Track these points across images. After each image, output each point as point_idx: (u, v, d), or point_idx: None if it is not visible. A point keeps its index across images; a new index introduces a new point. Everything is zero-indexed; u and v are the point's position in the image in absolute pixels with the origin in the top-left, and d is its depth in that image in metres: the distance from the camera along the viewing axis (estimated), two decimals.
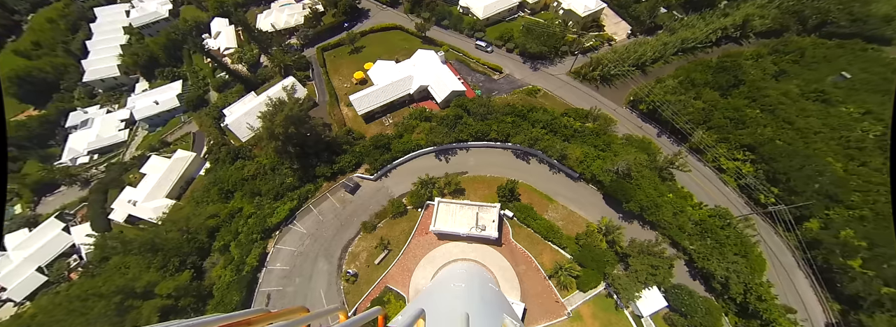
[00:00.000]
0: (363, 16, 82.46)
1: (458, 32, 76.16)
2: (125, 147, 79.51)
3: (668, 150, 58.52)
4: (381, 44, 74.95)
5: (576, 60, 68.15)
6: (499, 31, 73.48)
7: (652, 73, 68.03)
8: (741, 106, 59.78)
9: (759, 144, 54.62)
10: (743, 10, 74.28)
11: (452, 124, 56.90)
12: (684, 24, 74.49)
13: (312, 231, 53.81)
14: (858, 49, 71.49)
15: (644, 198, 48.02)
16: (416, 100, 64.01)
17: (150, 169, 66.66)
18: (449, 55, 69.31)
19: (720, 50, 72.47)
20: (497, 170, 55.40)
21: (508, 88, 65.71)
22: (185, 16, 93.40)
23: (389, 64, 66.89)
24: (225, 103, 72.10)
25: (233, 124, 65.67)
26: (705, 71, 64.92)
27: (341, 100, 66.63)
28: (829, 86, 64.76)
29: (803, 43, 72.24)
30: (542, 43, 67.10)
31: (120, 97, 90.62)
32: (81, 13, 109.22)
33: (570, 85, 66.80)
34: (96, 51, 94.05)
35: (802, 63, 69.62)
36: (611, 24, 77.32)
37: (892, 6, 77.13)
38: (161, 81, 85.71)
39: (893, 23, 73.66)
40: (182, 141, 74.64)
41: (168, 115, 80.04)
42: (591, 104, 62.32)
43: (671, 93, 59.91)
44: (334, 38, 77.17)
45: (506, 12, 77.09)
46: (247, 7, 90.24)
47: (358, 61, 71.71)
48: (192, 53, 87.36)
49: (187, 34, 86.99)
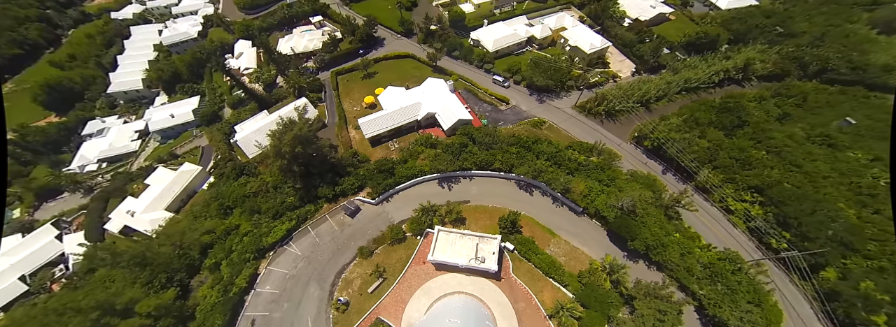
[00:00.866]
0: (378, 44, 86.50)
1: (467, 63, 79.19)
2: (135, 157, 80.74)
3: (673, 188, 57.76)
4: (394, 71, 77.81)
5: (581, 95, 69.73)
6: (507, 64, 76.24)
7: (656, 111, 69.14)
8: (746, 146, 59.94)
9: (768, 186, 53.82)
10: (744, 54, 76.81)
11: (457, 152, 57.22)
12: (687, 64, 76.84)
13: (307, 253, 52.40)
14: (861, 96, 72.73)
15: (650, 236, 46.58)
16: (423, 126, 65.05)
17: (154, 180, 67.06)
18: (458, 84, 71.51)
19: (723, 91, 74.03)
20: (499, 201, 54.69)
21: (514, 119, 66.77)
22: (213, 37, 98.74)
23: (400, 90, 68.90)
24: (238, 120, 73.96)
25: (242, 141, 66.80)
26: (709, 110, 65.85)
27: (350, 123, 67.92)
28: (834, 130, 65.11)
29: (805, 87, 73.78)
30: (548, 77, 69.17)
31: (139, 109, 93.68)
32: (118, 31, 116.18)
33: (576, 118, 67.79)
34: (125, 65, 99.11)
35: (806, 107, 70.68)
36: (616, 62, 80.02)
37: (891, 56, 79.42)
38: (180, 96, 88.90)
39: (894, 72, 75.29)
40: (190, 154, 75.72)
41: (181, 129, 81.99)
42: (595, 138, 62.78)
43: (676, 131, 60.42)
44: (349, 64, 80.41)
45: (514, 46, 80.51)
46: (270, 31, 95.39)
47: (370, 86, 74.09)
48: (213, 71, 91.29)
49: (212, 53, 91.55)
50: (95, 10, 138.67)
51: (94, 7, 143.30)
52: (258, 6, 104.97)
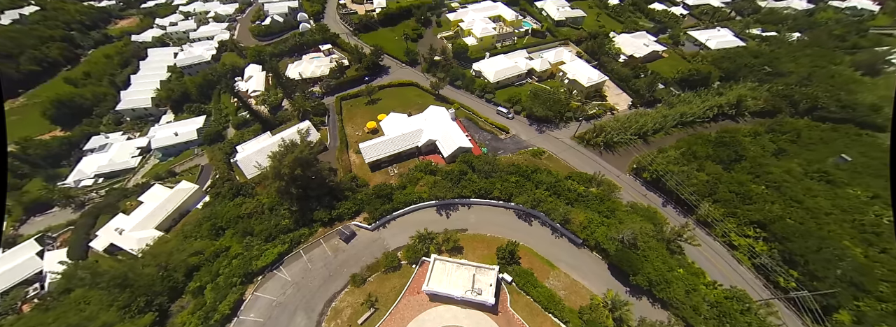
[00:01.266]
0: (383, 72, 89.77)
1: (469, 93, 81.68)
2: (132, 173, 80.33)
3: (674, 221, 56.99)
4: (397, 98, 79.99)
5: (580, 126, 71.15)
6: (507, 94, 78.63)
7: (654, 143, 70.22)
8: (745, 181, 60.20)
9: (770, 221, 53.24)
10: (736, 91, 79.67)
11: (457, 179, 57.13)
12: (681, 99, 79.44)
13: (297, 279, 50.26)
14: (853, 134, 74.54)
15: (652, 271, 45.09)
16: (424, 153, 65.56)
17: (149, 197, 66.10)
18: (459, 113, 73.24)
19: (718, 125, 75.86)
20: (498, 230, 53.64)
21: (514, 148, 67.51)
22: (225, 61, 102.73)
23: (402, 117, 70.31)
24: (240, 140, 74.55)
25: (242, 161, 66.88)
26: (706, 144, 67.00)
27: (351, 147, 68.50)
28: (830, 167, 65.82)
29: (797, 124, 75.76)
30: (547, 108, 71.09)
31: (144, 126, 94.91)
32: (136, 52, 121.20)
33: (574, 149, 68.58)
34: (137, 84, 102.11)
35: (800, 143, 72.01)
36: (613, 95, 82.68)
37: (877, 96, 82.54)
38: (187, 115, 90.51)
39: (882, 111, 77.62)
40: (189, 172, 75.41)
41: (183, 147, 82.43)
42: (594, 169, 63.10)
43: (674, 164, 60.87)
44: (354, 90, 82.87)
45: (514, 78, 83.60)
46: (281, 57, 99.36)
47: (373, 112, 75.73)
48: (221, 93, 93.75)
49: (222, 76, 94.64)
50: (118, 33, 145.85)
51: (117, 30, 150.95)
52: (271, 34, 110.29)
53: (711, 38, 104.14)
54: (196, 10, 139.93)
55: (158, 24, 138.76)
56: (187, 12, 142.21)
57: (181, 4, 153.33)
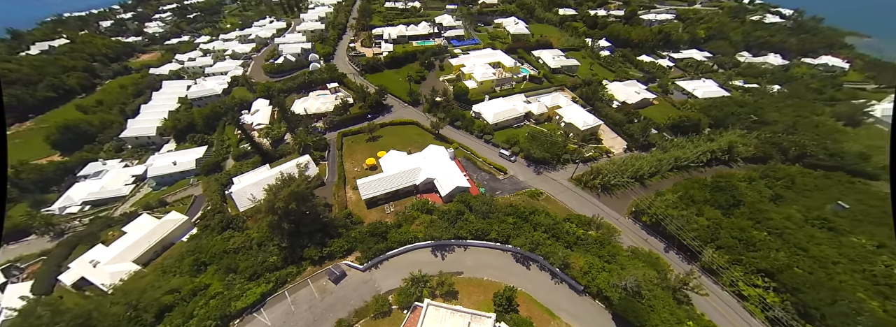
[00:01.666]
0: (386, 110, 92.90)
1: (468, 133, 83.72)
2: (122, 202, 78.45)
3: (678, 268, 54.97)
4: (397, 136, 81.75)
5: (577, 168, 71.94)
6: (506, 136, 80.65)
7: (651, 187, 70.50)
8: (746, 226, 59.49)
9: (778, 270, 51.50)
10: (726, 138, 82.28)
11: (453, 219, 56.03)
12: (675, 144, 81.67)
13: (278, 324, 46.47)
14: (845, 181, 75.63)
15: (660, 323, 42.24)
16: (421, 191, 65.19)
17: (134, 227, 63.73)
18: (458, 152, 74.37)
19: (712, 170, 76.98)
20: (495, 274, 51.24)
21: (512, 189, 67.40)
22: (235, 94, 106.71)
23: (401, 154, 71.16)
24: (238, 172, 74.33)
25: (237, 193, 65.93)
26: (703, 188, 67.31)
27: (348, 183, 68.19)
28: (830, 214, 65.66)
29: (790, 170, 77.12)
30: (545, 149, 72.54)
31: (144, 154, 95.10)
32: (151, 83, 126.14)
33: (572, 191, 68.54)
34: (146, 113, 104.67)
35: (795, 189, 72.60)
36: (608, 139, 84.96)
37: (862, 145, 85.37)
38: (189, 145, 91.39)
39: (871, 160, 79.50)
40: (181, 202, 73.83)
41: (180, 176, 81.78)
42: (593, 211, 62.41)
43: (672, 208, 60.59)
44: (356, 126, 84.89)
45: (513, 120, 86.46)
46: (288, 93, 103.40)
47: (373, 149, 76.80)
48: (226, 124, 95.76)
49: (230, 108, 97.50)
50: (137, 66, 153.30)
51: (138, 63, 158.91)
52: (283, 72, 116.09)
53: (698, 87, 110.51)
54: (215, 48, 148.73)
55: (178, 59, 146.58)
56: (207, 50, 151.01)
57: (202, 43, 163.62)
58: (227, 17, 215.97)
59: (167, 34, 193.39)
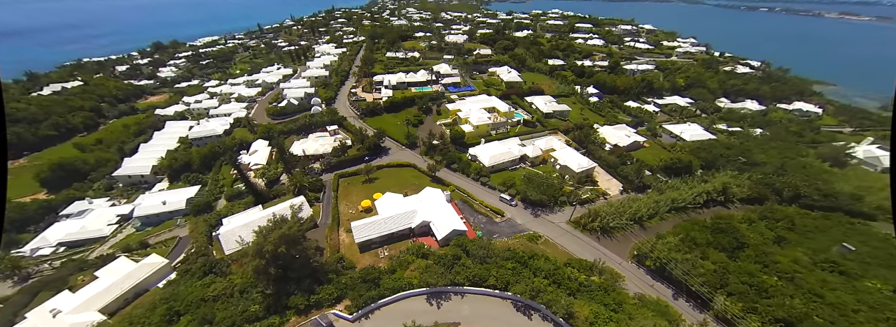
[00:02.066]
0: (383, 152, 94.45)
1: (465, 176, 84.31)
2: (101, 243, 74.79)
3: (689, 317, 51.68)
4: (394, 178, 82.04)
5: (575, 210, 71.37)
6: (502, 178, 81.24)
7: (651, 229, 69.42)
8: (755, 270, 57.72)
9: (797, 320, 48.72)
10: (719, 179, 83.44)
11: (450, 264, 53.78)
12: (670, 185, 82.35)
13: None
14: (845, 222, 75.25)
15: None
16: (417, 234, 63.47)
17: (107, 272, 59.86)
18: (454, 195, 74.15)
19: (711, 211, 76.65)
20: (494, 325, 47.58)
21: (509, 232, 65.98)
22: (236, 135, 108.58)
23: (397, 197, 70.72)
24: (229, 212, 72.64)
25: (224, 235, 63.64)
26: (703, 230, 66.49)
27: (342, 226, 66.50)
28: (837, 257, 64.31)
29: (788, 211, 76.99)
30: (541, 192, 72.63)
31: (134, 194, 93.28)
32: (154, 123, 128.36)
33: (571, 234, 67.14)
34: (144, 152, 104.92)
35: (797, 231, 71.83)
36: (603, 181, 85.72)
37: (853, 186, 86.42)
38: (182, 184, 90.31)
39: (864, 200, 79.94)
40: (163, 245, 70.60)
41: (167, 216, 79.37)
42: (594, 255, 60.53)
43: (675, 251, 59.05)
44: (353, 168, 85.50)
45: (508, 163, 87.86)
46: (288, 135, 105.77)
47: (369, 190, 76.47)
48: (223, 164, 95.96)
49: (228, 149, 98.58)
50: (144, 107, 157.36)
51: (145, 104, 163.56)
52: (285, 114, 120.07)
53: (685, 131, 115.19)
54: (222, 92, 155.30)
55: (185, 101, 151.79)
56: (214, 93, 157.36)
57: (211, 86, 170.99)
58: (238, 63, 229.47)
59: (178, 78, 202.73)
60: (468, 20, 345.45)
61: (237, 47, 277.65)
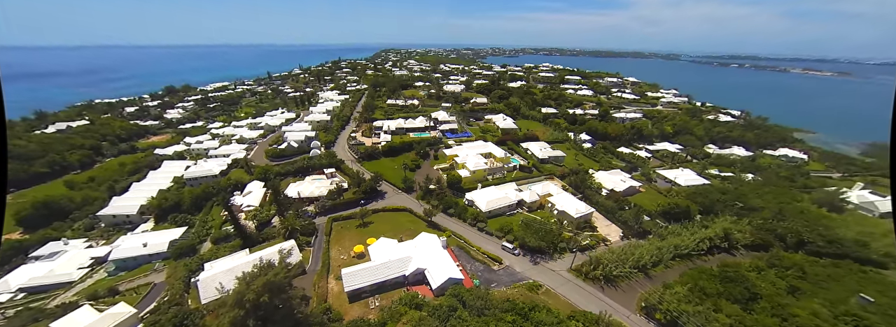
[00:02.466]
0: (379, 196, 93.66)
1: (462, 221, 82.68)
2: (66, 289, 68.98)
3: None
4: (389, 222, 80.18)
5: (575, 257, 68.75)
6: (499, 224, 79.67)
7: (656, 277, 66.39)
8: (773, 324, 54.19)
9: None
10: (719, 224, 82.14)
11: (445, 317, 49.82)
12: (670, 231, 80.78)
13: None
14: (857, 270, 72.32)
15: None
16: (411, 282, 59.99)
17: (66, 323, 54.02)
18: (451, 241, 71.98)
19: (716, 259, 74.19)
20: None
21: (508, 281, 62.61)
22: (232, 176, 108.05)
23: (391, 242, 68.38)
24: (213, 256, 68.86)
25: (204, 281, 59.47)
26: (712, 279, 63.70)
27: (332, 272, 62.96)
28: (857, 308, 60.72)
29: (795, 259, 74.47)
30: (540, 238, 70.76)
31: (116, 234, 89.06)
32: (151, 163, 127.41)
33: (573, 283, 63.72)
34: (136, 191, 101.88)
35: (809, 280, 68.81)
36: (602, 226, 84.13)
37: (855, 232, 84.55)
38: (168, 225, 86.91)
39: (871, 247, 77.67)
40: (135, 292, 65.24)
41: (146, 260, 74.60)
42: (598, 307, 56.74)
43: (685, 302, 55.78)
44: (347, 212, 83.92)
45: (506, 208, 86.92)
46: (285, 176, 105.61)
47: (362, 235, 74.12)
48: (214, 205, 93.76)
49: (222, 189, 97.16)
50: (144, 146, 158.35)
51: (146, 144, 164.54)
52: (284, 156, 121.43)
53: (678, 176, 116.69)
54: (224, 133, 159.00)
55: (186, 141, 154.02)
56: (216, 134, 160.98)
57: (214, 128, 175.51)
58: (244, 107, 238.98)
59: (184, 119, 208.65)
60: (465, 72, 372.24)
61: (245, 92, 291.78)
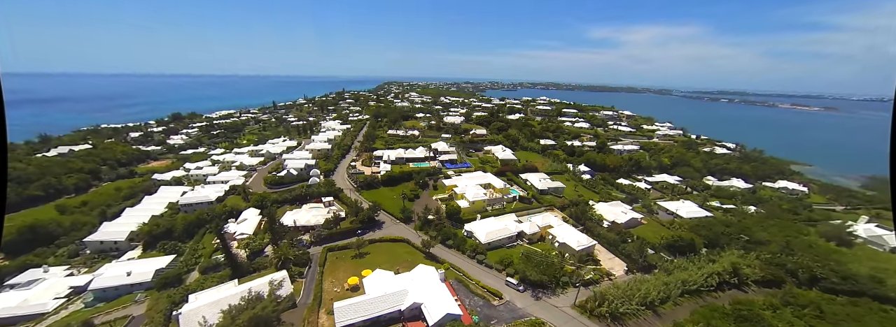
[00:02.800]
0: (377, 226, 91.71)
1: (460, 253, 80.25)
2: (37, 321, 64.56)
3: None
4: (386, 253, 77.75)
5: (578, 293, 65.78)
6: (499, 256, 77.28)
7: (665, 315, 63.16)
8: None
9: None
10: (727, 258, 79.57)
11: None
12: (676, 265, 78.16)
13: None
14: (877, 309, 68.81)
15: None
16: (406, 318, 56.67)
17: None
18: (449, 273, 69.35)
19: (727, 295, 71.12)
20: None
21: (509, 318, 59.25)
22: (228, 203, 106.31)
23: (388, 274, 65.82)
24: (199, 287, 65.56)
25: (187, 314, 55.83)
26: (725, 318, 60.74)
27: (324, 306, 59.62)
28: None
29: (810, 296, 71.42)
30: (541, 271, 68.32)
31: (100, 261, 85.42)
32: (147, 188, 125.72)
33: (578, 320, 60.28)
34: (128, 216, 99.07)
35: (828, 320, 65.36)
36: (606, 260, 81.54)
37: (869, 267, 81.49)
38: (156, 253, 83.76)
39: (887, 283, 74.44)
40: (111, 325, 61.10)
41: (127, 290, 70.63)
42: None
43: None
44: (343, 241, 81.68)
45: (505, 240, 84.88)
46: (282, 204, 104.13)
47: (358, 266, 71.46)
48: (206, 232, 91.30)
49: (217, 216, 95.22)
50: (143, 171, 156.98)
51: (145, 169, 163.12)
52: (283, 183, 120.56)
53: (680, 208, 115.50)
54: (225, 159, 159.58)
55: (186, 166, 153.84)
56: (217, 160, 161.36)
57: (215, 154, 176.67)
58: (247, 135, 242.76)
59: (186, 145, 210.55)
60: (465, 104, 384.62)
61: (249, 120, 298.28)
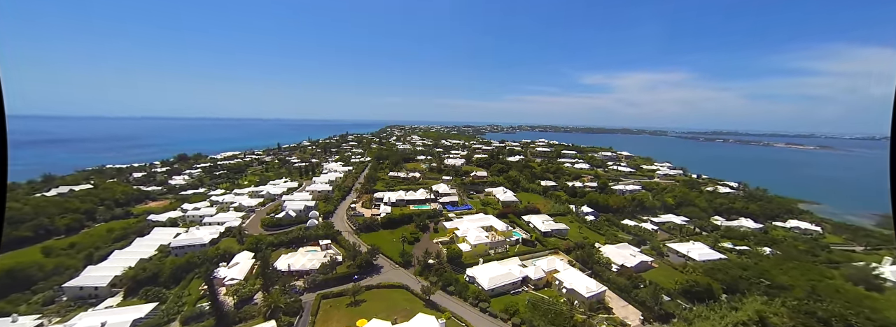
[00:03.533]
0: (375, 270, 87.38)
1: (462, 300, 75.34)
2: None
3: None
4: (383, 301, 72.94)
5: None
6: (503, 304, 72.19)
7: None
8: None
9: None
10: (750, 306, 73.65)
11: None
12: (696, 314, 72.39)
13: None
14: None
15: None
16: None
17: None
18: (450, 323, 64.05)
19: None
20: None
21: None
22: (221, 245, 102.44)
23: (384, 325, 60.86)
24: None
25: None
26: None
27: None
28: None
29: None
30: (550, 321, 63.36)
31: (75, 310, 79.61)
32: (140, 229, 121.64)
33: None
34: (115, 259, 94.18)
35: None
36: (618, 307, 75.88)
37: None
38: (138, 301, 78.43)
39: None
40: None
41: None
42: None
43: None
44: (339, 288, 77.19)
45: (510, 286, 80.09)
46: (278, 247, 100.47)
47: (353, 316, 66.47)
48: (195, 277, 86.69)
49: (208, 260, 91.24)
50: (139, 212, 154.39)
51: (141, 209, 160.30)
52: (281, 226, 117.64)
53: (692, 250, 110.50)
54: (224, 200, 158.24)
55: (184, 207, 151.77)
56: (216, 201, 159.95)
57: (215, 194, 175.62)
58: (249, 176, 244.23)
59: (187, 186, 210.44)
60: (465, 146, 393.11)
61: (253, 161, 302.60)
